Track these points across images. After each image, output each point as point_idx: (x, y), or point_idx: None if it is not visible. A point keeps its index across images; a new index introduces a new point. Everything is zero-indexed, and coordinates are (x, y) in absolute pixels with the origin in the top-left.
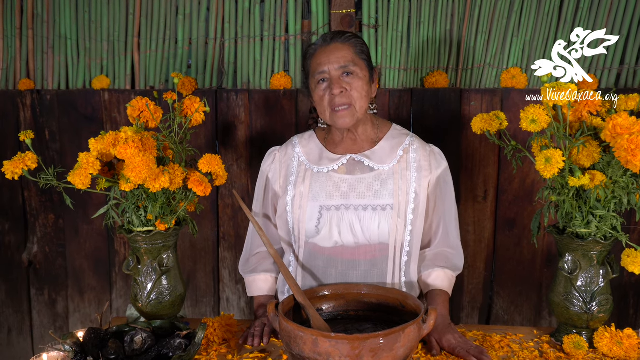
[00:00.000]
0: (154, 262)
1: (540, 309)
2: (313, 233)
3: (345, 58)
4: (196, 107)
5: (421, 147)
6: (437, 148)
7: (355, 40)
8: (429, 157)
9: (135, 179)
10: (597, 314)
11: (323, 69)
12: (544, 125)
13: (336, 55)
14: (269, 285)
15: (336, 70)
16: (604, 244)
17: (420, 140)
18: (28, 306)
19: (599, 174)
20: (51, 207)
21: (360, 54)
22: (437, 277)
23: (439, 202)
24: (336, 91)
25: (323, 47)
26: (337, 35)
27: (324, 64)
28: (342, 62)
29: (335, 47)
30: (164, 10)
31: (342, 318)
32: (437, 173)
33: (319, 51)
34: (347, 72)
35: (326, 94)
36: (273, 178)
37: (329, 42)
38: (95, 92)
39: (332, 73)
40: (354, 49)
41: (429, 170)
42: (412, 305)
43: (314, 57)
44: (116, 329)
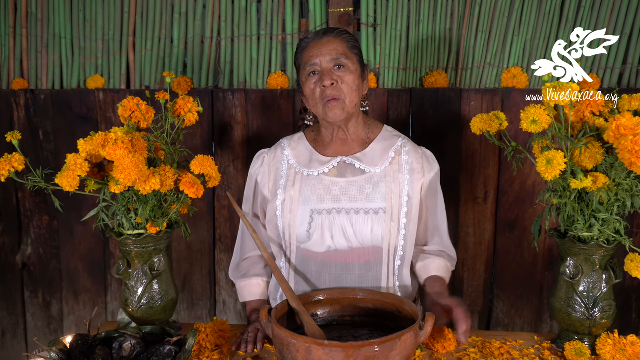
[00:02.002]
0: (145, 266)
1: (541, 312)
2: (304, 238)
3: (337, 51)
4: (189, 107)
5: (413, 150)
6: (428, 151)
7: (347, 35)
8: (421, 160)
9: (125, 181)
10: (599, 320)
11: (314, 62)
12: (545, 126)
13: (328, 48)
14: (261, 289)
15: (328, 62)
16: (607, 248)
17: (412, 143)
18: (22, 308)
19: (602, 176)
20: (45, 209)
21: (352, 49)
22: (438, 266)
23: (432, 205)
24: (327, 83)
25: (315, 40)
26: (330, 31)
27: (316, 56)
28: (333, 55)
29: (327, 40)
30: (160, 8)
31: (337, 324)
32: (429, 176)
33: (311, 44)
34: (339, 64)
35: (317, 87)
36: (262, 182)
37: (322, 36)
38: (90, 91)
39: (324, 65)
40: (347, 43)
41: (422, 173)
42: (409, 311)
43: (305, 50)
44: (105, 335)
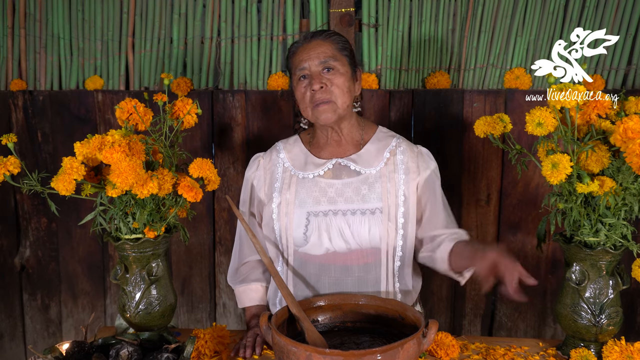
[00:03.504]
0: (143, 270)
1: (544, 316)
2: (301, 241)
3: (325, 53)
4: (188, 108)
5: (408, 149)
6: (424, 149)
7: (336, 37)
8: (416, 159)
9: (122, 185)
10: (606, 327)
11: (303, 66)
12: (551, 129)
13: (316, 51)
14: (260, 295)
15: (316, 66)
16: (614, 253)
17: (408, 142)
18: (20, 311)
19: (609, 180)
20: (44, 211)
21: (342, 50)
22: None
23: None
24: (316, 86)
25: (304, 44)
26: (318, 33)
27: (305, 60)
28: (322, 58)
29: (316, 43)
30: (159, 9)
31: (338, 330)
32: (425, 175)
33: (300, 49)
34: (328, 67)
35: (307, 91)
36: (258, 185)
37: (310, 39)
38: (89, 92)
39: (313, 69)
40: (335, 45)
41: (417, 172)
42: (412, 318)
43: (295, 55)
44: (102, 342)
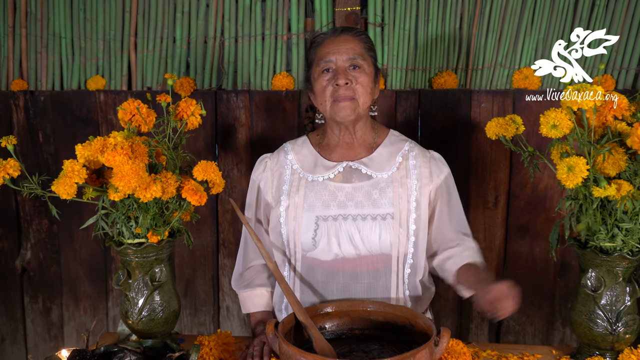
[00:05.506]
0: (146, 276)
1: (552, 320)
2: (310, 246)
3: (354, 50)
4: (192, 110)
5: (421, 154)
6: (437, 154)
7: (365, 36)
8: (429, 164)
9: (124, 188)
10: (623, 335)
11: (330, 58)
12: (566, 131)
13: (345, 47)
14: (265, 300)
15: (344, 61)
16: (631, 259)
17: (420, 147)
18: (22, 314)
19: (626, 183)
20: (45, 212)
21: (369, 51)
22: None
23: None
24: (341, 82)
25: (333, 37)
26: (348, 29)
27: (332, 53)
28: (350, 54)
29: (345, 38)
30: (162, 8)
31: (346, 337)
32: (438, 181)
33: (328, 41)
34: (355, 65)
35: (329, 85)
36: (265, 188)
37: (339, 33)
38: (91, 93)
39: (339, 64)
40: (364, 44)
41: (430, 178)
42: (423, 325)
43: (321, 46)
44: (104, 350)
